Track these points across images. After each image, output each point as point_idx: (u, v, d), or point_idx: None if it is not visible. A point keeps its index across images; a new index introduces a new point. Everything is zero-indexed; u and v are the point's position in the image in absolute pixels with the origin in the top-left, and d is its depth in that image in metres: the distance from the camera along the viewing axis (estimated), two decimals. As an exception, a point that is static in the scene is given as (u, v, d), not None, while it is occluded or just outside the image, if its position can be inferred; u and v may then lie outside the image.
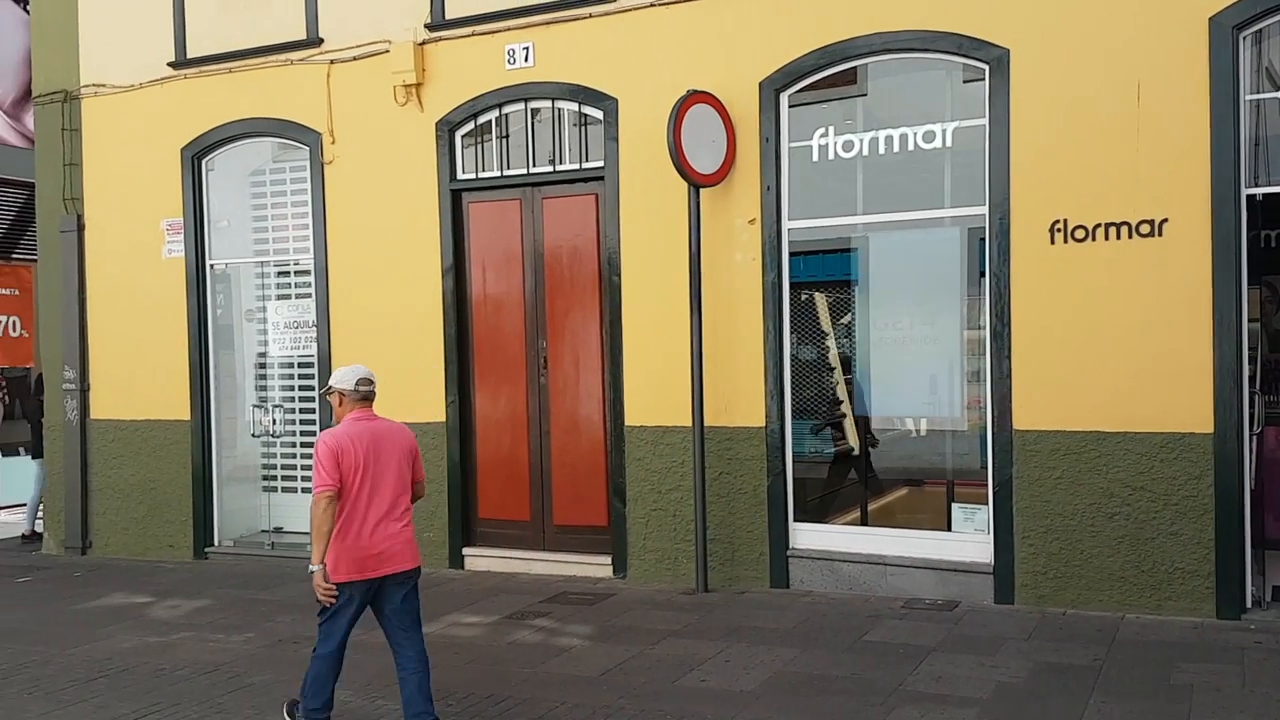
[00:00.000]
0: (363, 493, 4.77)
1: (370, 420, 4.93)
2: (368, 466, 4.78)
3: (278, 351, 9.50)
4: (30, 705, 5.59)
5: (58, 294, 10.00)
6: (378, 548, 4.79)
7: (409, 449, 5.00)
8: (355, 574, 4.75)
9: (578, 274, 8.09)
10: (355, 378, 4.96)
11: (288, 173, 9.32)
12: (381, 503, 4.82)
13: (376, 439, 4.86)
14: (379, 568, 4.80)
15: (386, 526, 4.83)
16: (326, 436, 4.85)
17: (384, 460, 4.84)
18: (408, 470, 4.96)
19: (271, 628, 7.02)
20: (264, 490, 9.61)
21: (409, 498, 4.98)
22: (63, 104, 9.81)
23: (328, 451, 4.74)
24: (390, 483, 4.86)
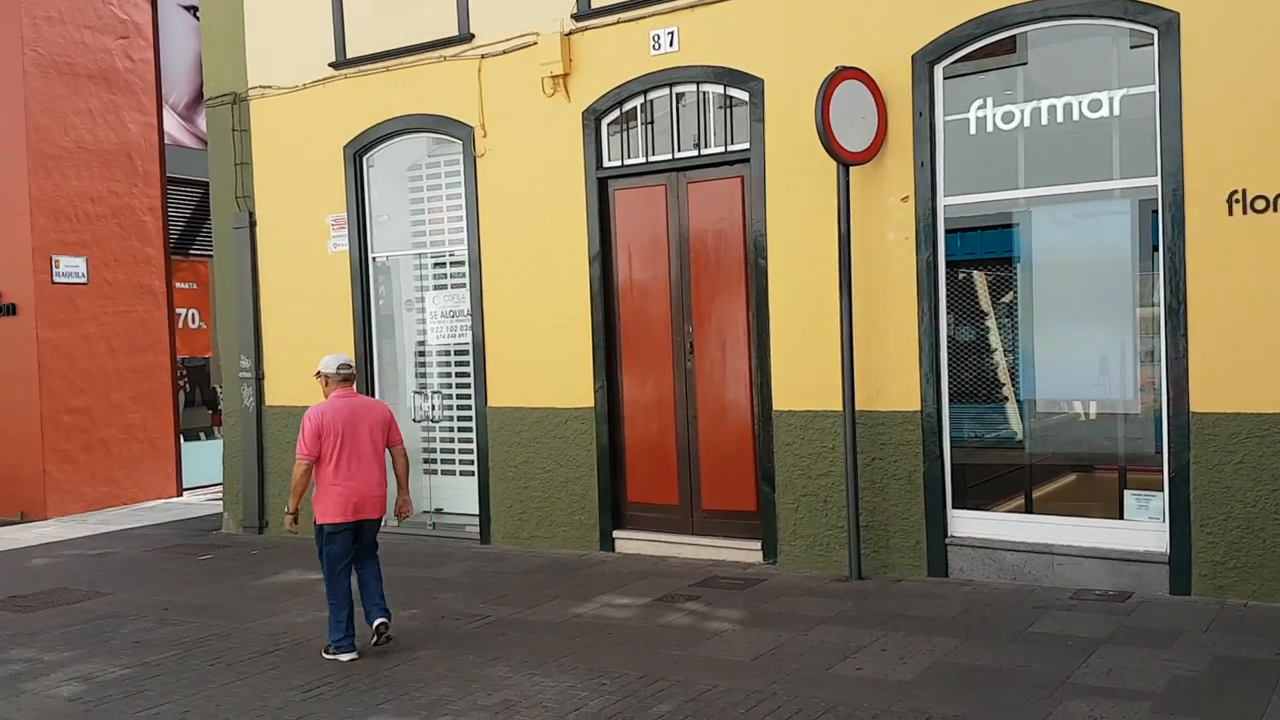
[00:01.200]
0: (343, 455, 6.09)
1: (349, 398, 6.27)
2: (345, 434, 6.10)
3: (435, 340, 9.80)
4: (213, 675, 5.94)
5: (232, 287, 10.57)
6: (355, 498, 6.13)
7: (382, 420, 6.33)
8: (339, 518, 6.12)
9: (723, 258, 8.06)
10: (336, 364, 6.29)
11: (442, 167, 9.59)
12: (358, 463, 6.12)
13: (353, 412, 6.19)
14: (357, 514, 6.17)
15: (362, 481, 6.15)
16: (311, 412, 6.16)
17: (359, 429, 6.16)
18: (381, 437, 6.27)
19: (435, 604, 7.27)
20: (425, 473, 9.95)
21: (383, 460, 6.25)
22: (232, 106, 10.35)
23: (310, 426, 6.09)
24: (365, 447, 6.16)
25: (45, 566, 9.42)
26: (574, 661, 5.83)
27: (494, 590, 7.58)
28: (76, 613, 7.53)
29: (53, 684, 5.88)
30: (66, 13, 12.37)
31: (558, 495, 8.75)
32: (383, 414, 6.39)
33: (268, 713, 5.27)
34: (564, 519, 8.73)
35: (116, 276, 12.89)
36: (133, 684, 5.82)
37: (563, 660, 5.86)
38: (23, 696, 5.68)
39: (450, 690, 5.46)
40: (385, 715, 5.17)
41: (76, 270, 12.46)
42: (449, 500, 9.81)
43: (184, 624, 7.08)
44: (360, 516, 6.18)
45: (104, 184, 12.74)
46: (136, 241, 13.12)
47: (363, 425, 6.21)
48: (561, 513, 8.74)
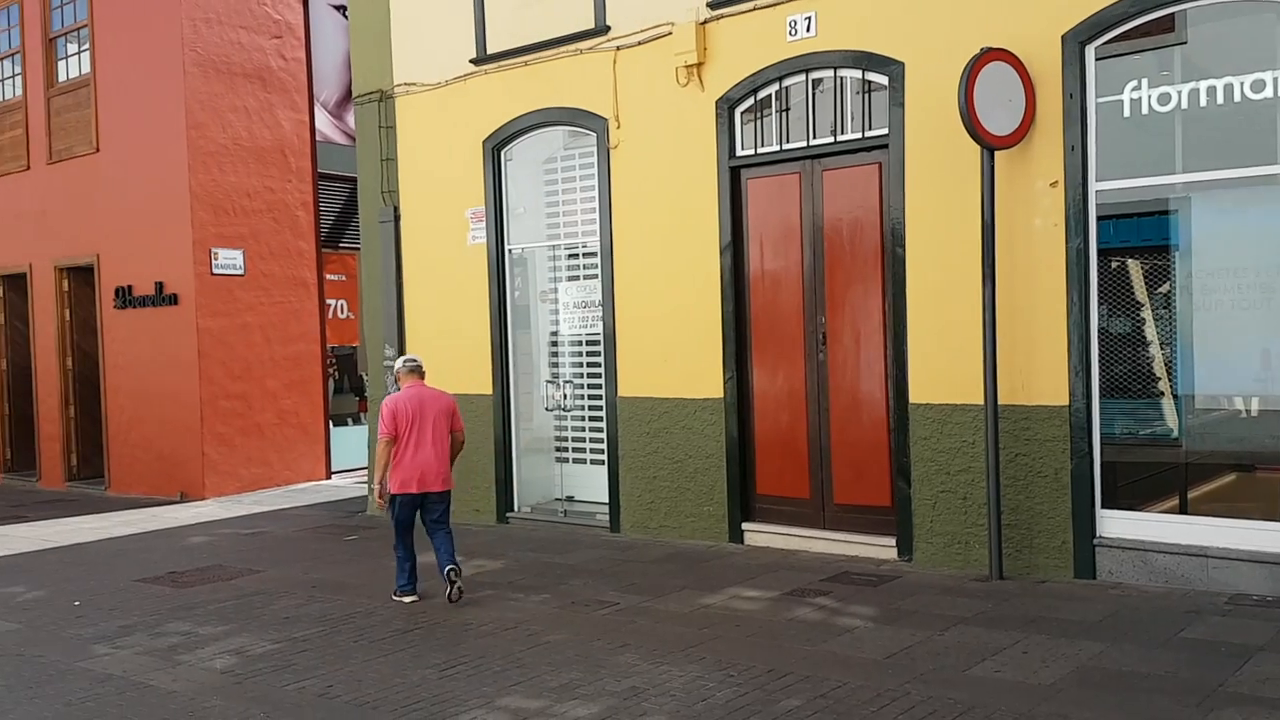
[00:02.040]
0: (411, 437, 7.12)
1: (419, 388, 7.30)
2: (414, 420, 7.13)
3: (568, 330, 9.92)
4: (356, 652, 6.15)
5: (378, 279, 10.93)
6: (419, 473, 7.13)
7: (447, 408, 7.33)
8: (404, 489, 7.14)
9: (858, 246, 7.89)
10: (404, 361, 7.51)
11: (576, 159, 9.69)
12: (419, 443, 7.13)
13: (422, 401, 7.21)
14: (421, 486, 7.15)
15: (425, 460, 7.14)
16: (388, 400, 7.26)
17: (426, 415, 7.18)
18: (445, 423, 7.27)
19: (565, 590, 7.36)
20: (557, 461, 10.09)
21: (448, 443, 7.27)
22: (378, 103, 10.68)
23: (388, 410, 7.16)
24: (431, 432, 7.16)
25: (202, 545, 9.95)
26: (702, 652, 5.81)
27: (623, 578, 7.63)
28: (230, 589, 7.92)
29: (207, 656, 6.19)
30: (223, 14, 13.00)
31: (686, 486, 8.74)
32: (447, 404, 7.39)
33: (406, 689, 5.42)
34: (692, 510, 8.71)
35: (271, 268, 13.49)
36: (281, 658, 6.08)
37: (690, 650, 5.84)
38: (179, 668, 6.00)
39: (580, 675, 5.51)
40: (517, 696, 5.25)
41: (234, 262, 13.09)
42: (580, 488, 9.92)
43: (330, 601, 7.36)
44: (424, 489, 7.19)
45: (259, 179, 13.35)
46: (290, 235, 13.71)
47: (429, 412, 7.23)
48: (690, 503, 8.73)
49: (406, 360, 7.56)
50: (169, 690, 5.58)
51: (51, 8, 14.26)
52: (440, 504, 7.27)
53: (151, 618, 7.12)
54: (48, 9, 14.28)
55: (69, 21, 14.06)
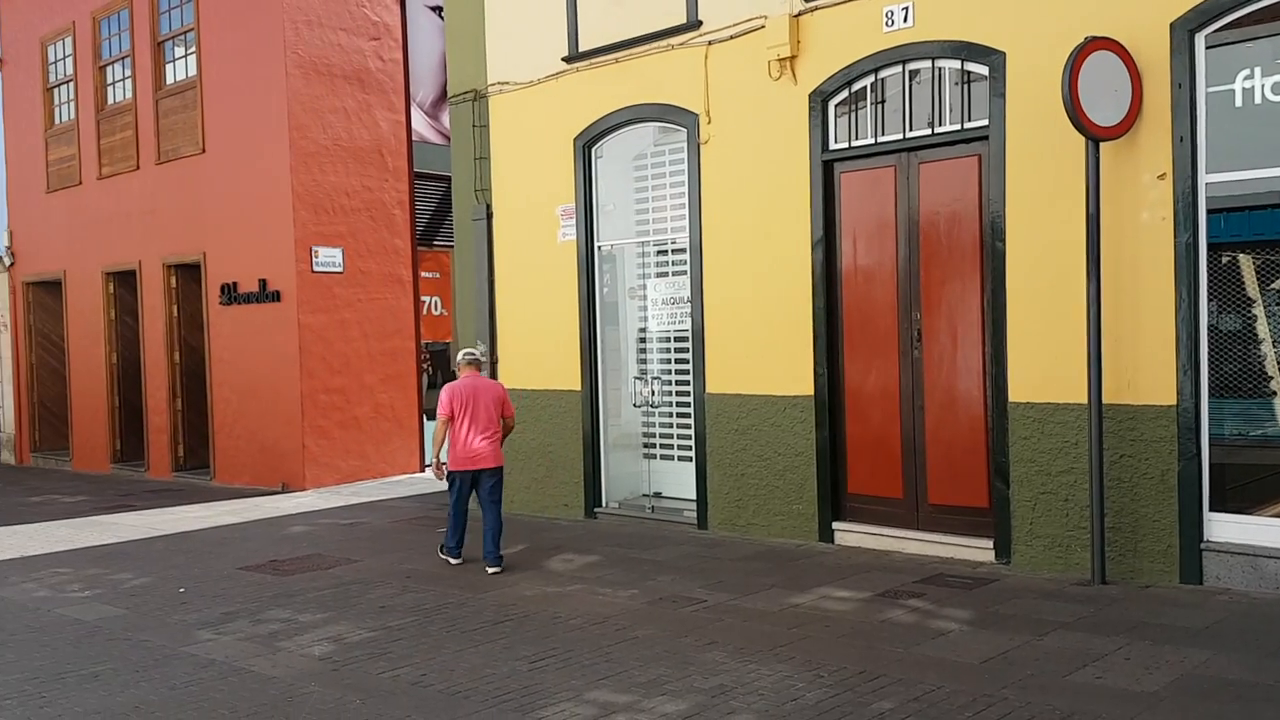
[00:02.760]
0: (465, 419, 8.04)
1: (475, 378, 8.24)
2: (468, 404, 8.05)
3: (656, 326, 9.92)
4: (448, 642, 6.24)
5: (471, 276, 11.08)
6: (473, 452, 8.03)
7: (498, 396, 8.25)
8: (458, 466, 8.06)
9: (956, 241, 7.72)
10: (463, 354, 8.44)
11: (666, 155, 9.68)
12: (477, 426, 8.06)
13: (476, 389, 8.15)
14: (473, 464, 8.05)
15: (479, 441, 8.05)
16: (447, 386, 8.19)
17: (479, 401, 8.09)
18: (496, 409, 8.18)
19: (653, 586, 7.36)
20: (644, 457, 10.10)
21: (498, 425, 8.18)
22: (473, 103, 10.82)
23: (446, 395, 8.09)
24: (483, 415, 8.08)
25: (302, 534, 10.21)
26: (791, 651, 5.75)
27: (711, 575, 7.59)
28: (328, 578, 8.12)
29: (306, 643, 6.34)
30: (324, 16, 13.32)
31: (775, 484, 8.66)
32: (499, 392, 8.35)
33: (497, 680, 5.48)
34: (781, 508, 8.63)
35: (369, 266, 13.79)
36: (376, 646, 6.20)
37: (779, 650, 5.79)
38: (279, 654, 6.16)
39: (667, 671, 5.50)
40: (605, 690, 5.26)
41: (334, 260, 13.42)
42: (667, 485, 9.92)
43: (423, 592, 7.49)
44: (478, 467, 8.08)
45: (358, 179, 13.66)
46: (387, 233, 13.99)
47: (483, 399, 8.14)
48: (779, 501, 8.65)
49: (465, 353, 8.49)
50: (269, 676, 5.74)
51: (160, 12, 14.77)
52: (493, 478, 8.16)
53: (253, 605, 7.33)
54: (156, 13, 14.80)
55: (176, 25, 14.55)
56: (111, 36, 15.61)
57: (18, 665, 6.05)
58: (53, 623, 7.04)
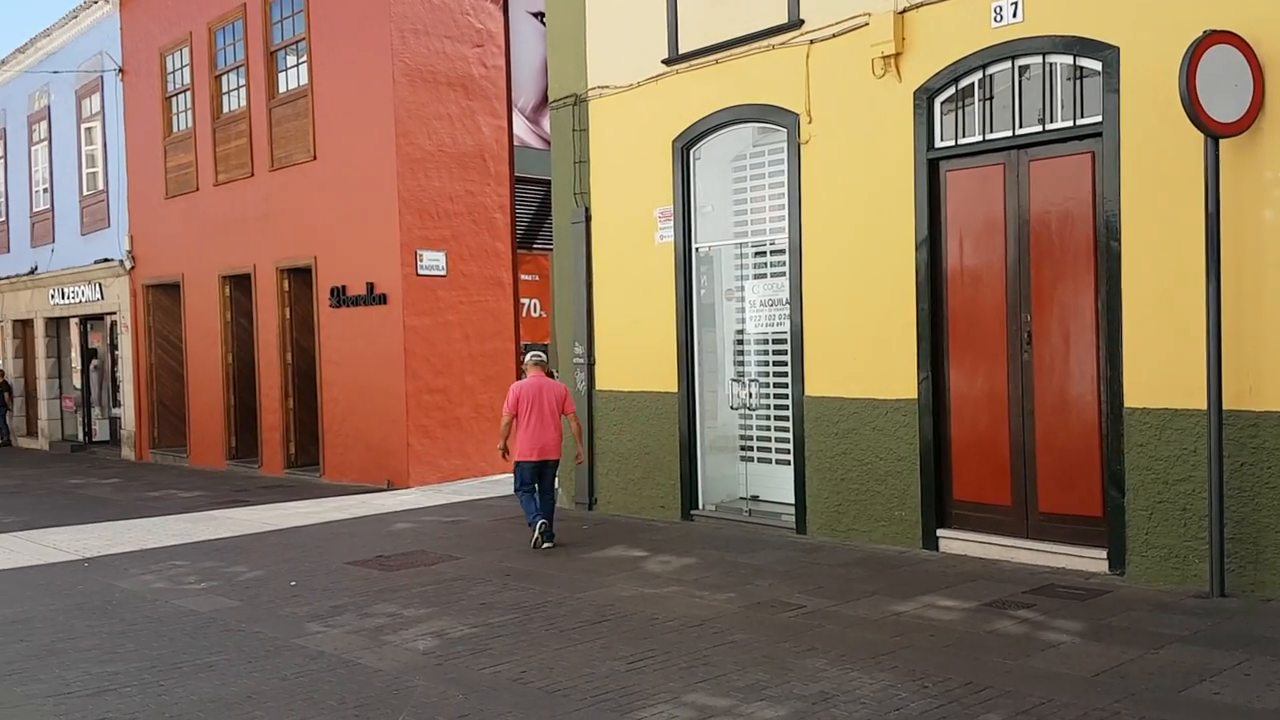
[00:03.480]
0: (530, 416, 9.04)
1: (540, 379, 9.20)
2: (533, 403, 9.05)
3: (754, 328, 9.86)
4: (547, 640, 6.30)
5: (569, 278, 11.18)
6: (538, 444, 9.04)
7: (559, 395, 9.20)
8: (524, 457, 9.06)
9: (1068, 241, 7.48)
10: (530, 355, 9.46)
11: (766, 156, 9.62)
12: (539, 422, 9.05)
13: (539, 389, 9.12)
14: (539, 455, 9.06)
15: (542, 435, 9.04)
16: (513, 386, 9.29)
17: (543, 400, 9.08)
18: (557, 407, 9.13)
19: (751, 590, 7.31)
20: (741, 460, 10.04)
21: (559, 421, 9.16)
22: (573, 107, 10.92)
23: (513, 395, 9.15)
24: (545, 412, 9.07)
25: (406, 531, 10.43)
26: (894, 660, 5.64)
27: (810, 581, 7.51)
28: (431, 574, 8.27)
29: (410, 637, 6.47)
30: (430, 25, 13.60)
31: (877, 489, 8.52)
32: (560, 391, 9.26)
33: (595, 679, 5.51)
34: (883, 514, 8.49)
35: (471, 269, 14.04)
36: (478, 642, 6.29)
37: (882, 658, 5.69)
38: (384, 647, 6.29)
39: (766, 676, 5.46)
40: (703, 693, 5.24)
41: (438, 264, 13.69)
42: (764, 488, 9.85)
43: (523, 590, 7.57)
44: (543, 457, 9.08)
45: (461, 184, 13.91)
46: (488, 237, 14.22)
47: (545, 397, 9.10)
48: (881, 507, 8.50)
49: (533, 355, 9.46)
50: (375, 668, 5.86)
51: (272, 22, 15.27)
52: (552, 467, 9.29)
53: (360, 599, 7.51)
54: (268, 23, 15.31)
55: (288, 35, 15.02)
56: (226, 46, 16.19)
57: (137, 654, 6.30)
58: (170, 614, 7.32)
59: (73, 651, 6.36)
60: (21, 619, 7.21)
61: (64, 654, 6.31)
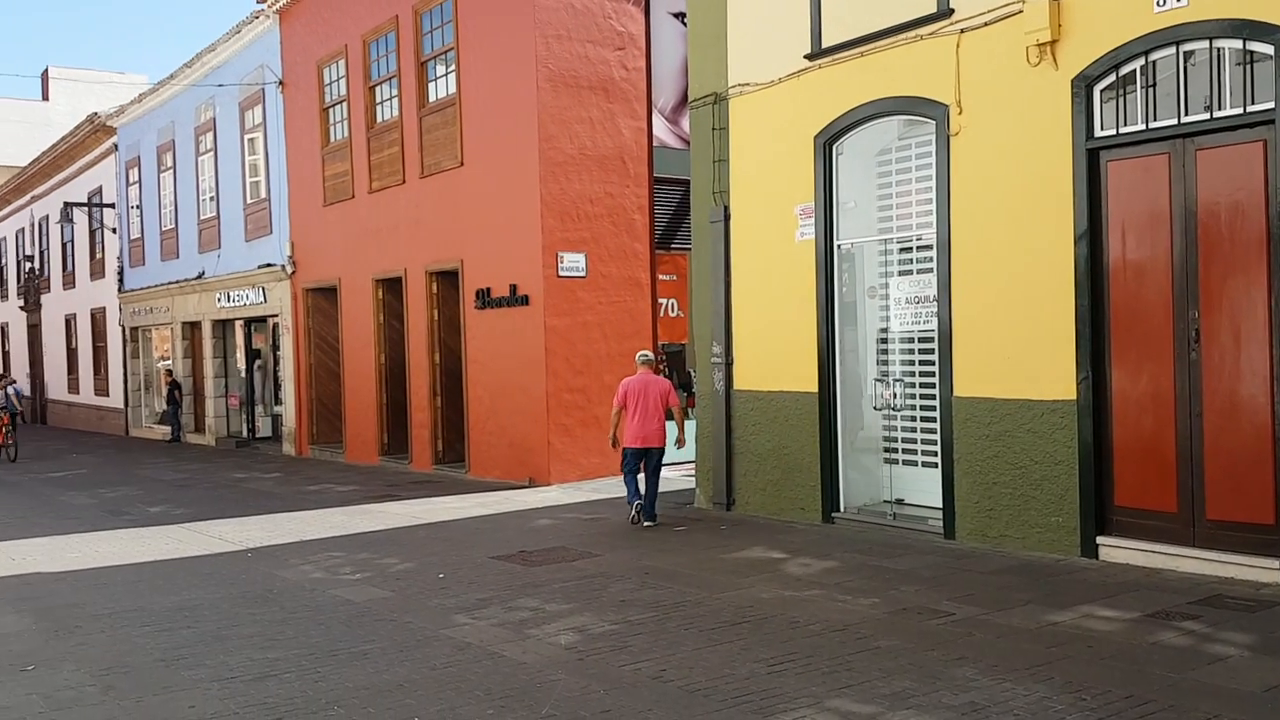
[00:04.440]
0: (637, 409, 10.13)
1: (646, 375, 10.29)
2: (639, 397, 10.14)
3: (898, 327, 9.62)
4: (687, 639, 6.28)
5: (707, 278, 11.15)
6: (642, 434, 10.15)
7: (663, 390, 10.22)
8: (632, 444, 10.17)
9: (1238, 234, 7.04)
10: (640, 355, 10.53)
11: (913, 149, 9.38)
12: (644, 414, 10.12)
13: (646, 384, 10.22)
14: (644, 444, 10.17)
15: (646, 425, 10.13)
16: (623, 381, 10.39)
17: (648, 395, 10.15)
18: (662, 400, 10.17)
19: (896, 595, 7.13)
20: (885, 462, 9.82)
21: (663, 413, 10.14)
22: (713, 106, 10.89)
23: (621, 390, 10.26)
24: (650, 405, 10.13)
25: (547, 527, 10.60)
26: (1049, 671, 5.41)
27: (959, 588, 7.27)
28: (572, 570, 8.37)
29: (553, 632, 6.55)
30: (573, 29, 13.79)
31: (1031, 494, 8.19)
32: (665, 387, 10.28)
33: (735, 681, 5.46)
34: (1038, 519, 8.16)
35: (609, 270, 14.16)
36: (618, 639, 6.33)
37: (1036, 669, 5.45)
38: (528, 641, 6.39)
39: (913, 684, 5.30)
40: (846, 699, 5.13)
41: (577, 265, 13.86)
42: (910, 491, 9.60)
43: (662, 589, 7.58)
44: (645, 445, 10.16)
45: (600, 186, 14.05)
46: (627, 238, 14.32)
47: (650, 392, 10.17)
48: (1035, 513, 8.17)
49: (641, 355, 10.52)
50: (519, 661, 5.96)
51: (422, 33, 15.76)
52: (657, 454, 10.26)
53: (504, 592, 7.66)
54: (419, 35, 15.80)
55: (438, 45, 15.47)
56: (380, 58, 16.79)
57: (296, 641, 6.58)
58: (327, 603, 7.62)
59: (236, 638, 6.69)
60: (189, 606, 7.62)
61: (228, 640, 6.64)
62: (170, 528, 11.51)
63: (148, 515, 12.61)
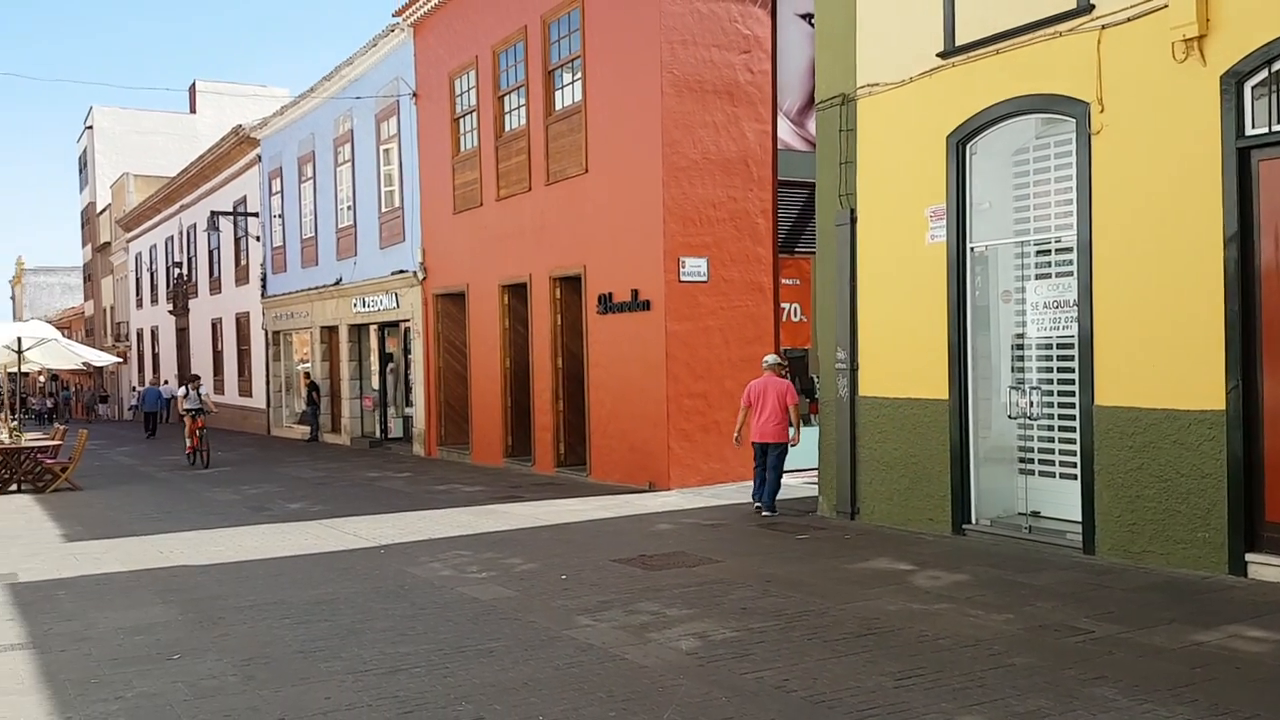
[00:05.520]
0: (758, 408, 11.23)
1: (769, 378, 11.29)
2: (761, 397, 11.22)
3: (1035, 332, 9.30)
4: (810, 650, 6.18)
5: (832, 282, 10.99)
6: (762, 431, 11.21)
7: (783, 391, 11.18)
8: (756, 439, 11.27)
9: None
10: (765, 358, 11.57)
11: (1051, 148, 9.06)
12: (765, 413, 11.18)
13: (767, 386, 11.25)
14: (763, 439, 11.22)
15: (767, 424, 11.15)
16: (749, 383, 11.51)
17: (768, 395, 11.18)
18: (781, 400, 11.14)
19: (1032, 611, 6.88)
20: (1020, 473, 9.49)
21: (783, 412, 11.17)
22: (840, 107, 10.73)
23: (746, 390, 11.45)
24: (770, 405, 11.16)
25: (667, 532, 10.60)
26: (1193, 693, 5.14)
27: (1098, 605, 6.97)
28: (692, 575, 8.34)
29: (674, 637, 6.54)
30: (698, 34, 13.79)
31: (1177, 508, 7.80)
32: (784, 387, 11.22)
33: (861, 694, 5.35)
34: (1183, 535, 7.76)
35: (731, 274, 14.10)
36: (740, 646, 6.27)
37: (1179, 690, 5.19)
38: (649, 645, 6.39)
39: (1048, 703, 5.10)
40: (978, 716, 4.97)
41: (699, 270, 13.84)
42: (1046, 503, 9.26)
43: (784, 597, 7.49)
44: (764, 440, 11.20)
45: (723, 190, 14.00)
46: (749, 242, 14.23)
47: (770, 393, 11.18)
48: (1180, 528, 7.78)
49: (768, 358, 11.49)
50: (640, 665, 5.97)
51: (550, 42, 16.00)
52: (776, 450, 11.20)
53: (625, 595, 7.69)
54: (547, 44, 16.05)
55: (565, 54, 15.69)
56: (509, 68, 17.12)
57: (425, 637, 6.73)
58: (455, 600, 7.78)
59: (369, 632, 6.89)
60: (326, 600, 7.89)
61: (362, 634, 6.84)
62: (308, 524, 11.95)
63: (287, 511, 13.12)
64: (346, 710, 5.33)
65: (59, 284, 76.86)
